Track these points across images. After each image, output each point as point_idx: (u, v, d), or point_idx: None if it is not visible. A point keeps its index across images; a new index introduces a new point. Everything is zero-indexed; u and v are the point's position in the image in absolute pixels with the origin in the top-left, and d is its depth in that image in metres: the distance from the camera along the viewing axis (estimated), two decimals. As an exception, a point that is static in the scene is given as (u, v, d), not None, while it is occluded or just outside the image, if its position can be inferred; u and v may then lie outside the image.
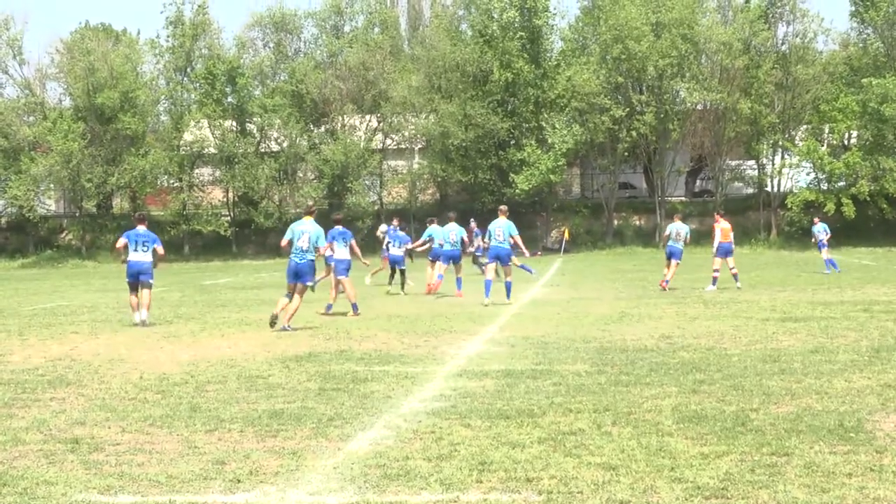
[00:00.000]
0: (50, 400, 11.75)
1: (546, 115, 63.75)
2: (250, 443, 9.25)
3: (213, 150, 68.30)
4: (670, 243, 29.33)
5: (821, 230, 37.80)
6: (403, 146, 70.75)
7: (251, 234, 68.82)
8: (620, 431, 9.34)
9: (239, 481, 7.88)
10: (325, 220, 21.56)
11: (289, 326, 18.97)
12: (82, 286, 38.85)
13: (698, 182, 75.66)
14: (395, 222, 34.02)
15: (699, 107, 67.21)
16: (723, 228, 29.66)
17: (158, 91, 70.48)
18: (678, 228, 29.45)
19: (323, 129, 69.73)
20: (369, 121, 69.90)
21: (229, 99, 68.19)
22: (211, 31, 70.39)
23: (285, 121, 66.33)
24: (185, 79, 69.78)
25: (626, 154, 67.68)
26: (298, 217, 24.69)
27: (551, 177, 62.99)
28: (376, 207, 68.50)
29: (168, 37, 69.29)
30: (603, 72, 63.68)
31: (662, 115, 64.03)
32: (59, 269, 60.97)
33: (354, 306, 22.46)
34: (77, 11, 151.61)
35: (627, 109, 63.67)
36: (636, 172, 73.68)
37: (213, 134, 67.85)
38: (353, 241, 23.72)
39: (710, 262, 29.90)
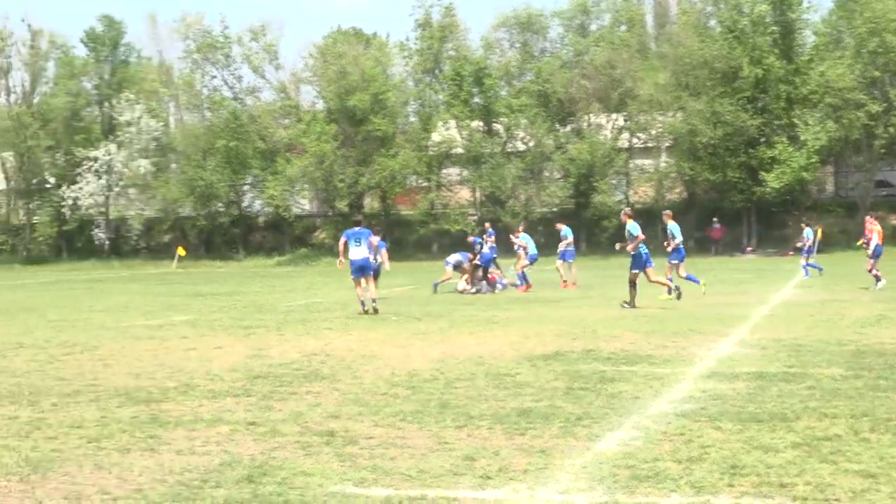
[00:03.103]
0: (306, 393, 12.16)
1: (798, 112, 61.99)
2: (499, 440, 9.35)
3: (460, 151, 69.11)
4: None
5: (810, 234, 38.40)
6: (650, 145, 69.96)
7: (498, 234, 69.13)
8: (880, 438, 9.03)
9: (489, 478, 7.97)
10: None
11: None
12: (335, 284, 39.94)
13: (963, 181, 72.22)
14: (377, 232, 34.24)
15: (965, 101, 64.03)
16: (879, 231, 31.02)
17: (407, 92, 71.64)
18: None
19: (569, 128, 69.59)
20: (615, 119, 69.47)
21: (476, 99, 68.80)
22: (458, 32, 71.14)
23: (531, 120, 66.49)
24: (433, 80, 70.81)
25: (883, 151, 65.03)
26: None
27: (804, 175, 61.25)
28: (622, 207, 67.97)
29: (416, 39, 70.44)
30: (858, 66, 61.33)
31: (923, 111, 61.35)
32: (313, 266, 62.87)
33: (363, 303, 23.66)
34: (329, 17, 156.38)
35: (885, 105, 61.19)
36: (894, 170, 70.87)
37: (460, 134, 68.67)
38: (372, 238, 24.95)
39: None
